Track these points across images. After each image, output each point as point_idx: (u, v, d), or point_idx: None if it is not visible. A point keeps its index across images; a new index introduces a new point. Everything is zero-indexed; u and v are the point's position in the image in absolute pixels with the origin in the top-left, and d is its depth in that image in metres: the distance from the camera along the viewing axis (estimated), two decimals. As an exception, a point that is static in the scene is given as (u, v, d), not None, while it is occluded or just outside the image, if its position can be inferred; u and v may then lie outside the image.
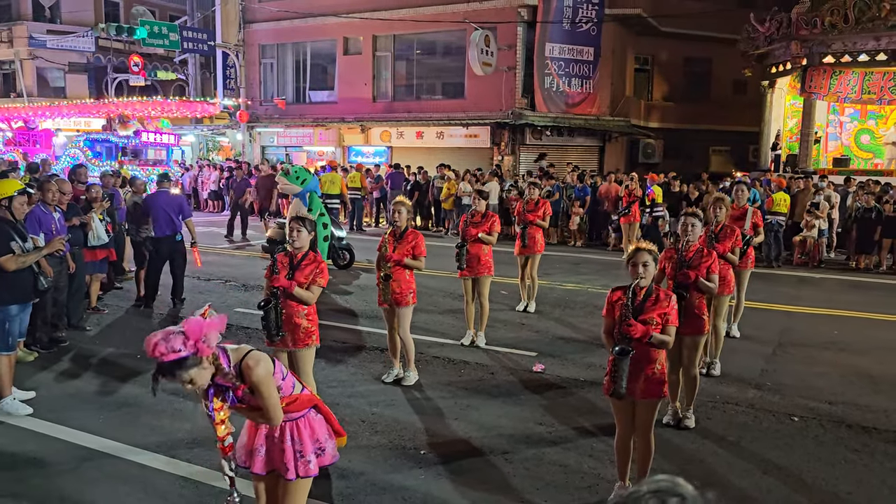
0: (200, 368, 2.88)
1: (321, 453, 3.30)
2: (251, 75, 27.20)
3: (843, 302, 10.47)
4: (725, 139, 25.63)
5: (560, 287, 11.21)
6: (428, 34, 23.63)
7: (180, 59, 29.82)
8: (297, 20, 25.35)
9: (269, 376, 3.05)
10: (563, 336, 8.38)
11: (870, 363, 7.42)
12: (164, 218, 9.22)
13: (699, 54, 25.68)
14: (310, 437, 3.27)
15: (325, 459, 3.33)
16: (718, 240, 6.70)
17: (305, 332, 5.15)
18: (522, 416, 5.82)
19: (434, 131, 23.41)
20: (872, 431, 5.59)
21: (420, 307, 9.07)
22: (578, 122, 22.68)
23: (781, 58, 19.67)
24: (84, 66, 32.62)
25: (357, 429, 5.44)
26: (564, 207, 16.78)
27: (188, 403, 5.97)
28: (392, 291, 6.37)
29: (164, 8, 35.66)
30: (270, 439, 3.28)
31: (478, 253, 7.65)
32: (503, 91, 22.01)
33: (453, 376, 6.83)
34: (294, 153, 26.33)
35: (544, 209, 9.61)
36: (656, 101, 26.44)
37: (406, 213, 6.47)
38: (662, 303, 4.24)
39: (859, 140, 21.07)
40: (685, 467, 4.90)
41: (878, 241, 13.44)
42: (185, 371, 2.82)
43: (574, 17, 21.89)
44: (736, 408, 6.08)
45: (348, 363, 7.20)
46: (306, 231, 5.05)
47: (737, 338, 8.20)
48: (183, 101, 22.30)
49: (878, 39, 17.53)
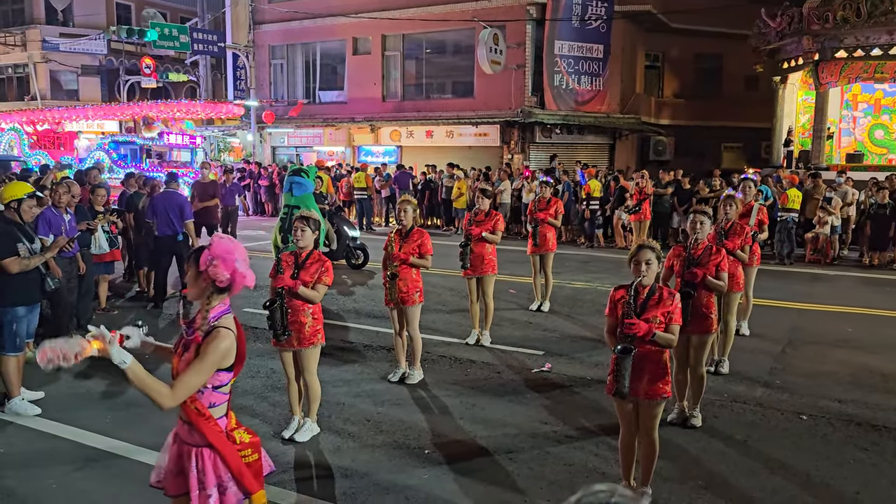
0: (217, 300, 2.97)
1: (224, 492, 2.98)
2: (261, 76, 27.30)
3: (855, 299, 10.36)
4: (737, 135, 25.45)
5: (569, 285, 11.16)
6: (437, 33, 23.62)
7: (191, 61, 29.97)
8: (307, 21, 25.42)
9: (216, 357, 2.87)
10: (571, 334, 8.34)
11: (881, 361, 7.33)
12: (164, 218, 9.34)
13: (710, 50, 25.51)
14: (213, 470, 2.97)
15: (229, 500, 2.99)
16: (728, 237, 6.67)
17: (311, 330, 5.16)
18: (528, 415, 5.80)
19: (444, 130, 23.41)
20: (882, 430, 5.52)
21: (427, 306, 9.06)
22: (588, 120, 22.59)
23: (793, 53, 19.49)
24: (97, 68, 32.88)
25: (362, 428, 5.45)
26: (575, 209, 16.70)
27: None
28: (399, 290, 6.37)
29: (175, 10, 35.89)
30: (180, 461, 3.04)
31: (482, 252, 7.64)
32: (512, 89, 21.97)
33: (459, 375, 6.82)
34: (304, 153, 26.42)
35: (556, 208, 9.57)
36: (667, 98, 26.30)
37: (412, 211, 6.47)
38: (666, 301, 4.20)
39: (873, 135, 20.82)
40: (690, 467, 4.87)
41: (892, 237, 13.29)
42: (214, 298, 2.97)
43: (583, 14, 21.81)
44: (744, 406, 6.03)
45: (355, 362, 7.21)
46: (310, 230, 5.05)
47: (746, 336, 8.14)
48: (208, 102, 22.41)
49: (891, 33, 17.32)
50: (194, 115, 21.77)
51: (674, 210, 15.65)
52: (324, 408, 5.61)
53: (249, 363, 7.09)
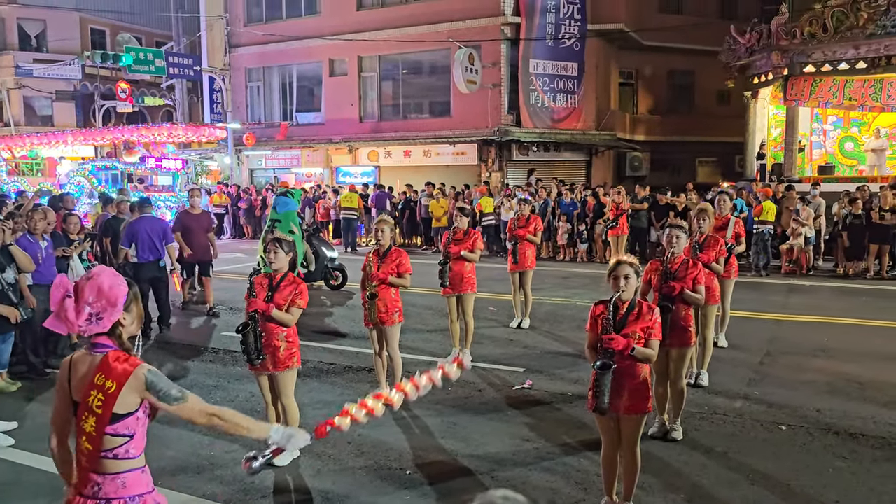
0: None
1: None
2: (238, 99, 27.28)
3: (831, 309, 10.48)
4: (712, 150, 25.81)
5: (549, 302, 11.19)
6: (413, 54, 23.79)
7: (167, 85, 29.90)
8: (283, 43, 25.50)
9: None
10: (552, 351, 8.35)
11: (858, 370, 7.41)
12: (148, 243, 9.16)
13: (682, 67, 25.94)
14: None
15: None
16: (702, 250, 6.73)
17: (286, 354, 5.10)
18: (509, 432, 5.78)
19: (421, 150, 23.52)
20: (860, 438, 5.57)
21: (408, 325, 9.03)
22: (565, 137, 22.80)
23: (763, 68, 19.85)
24: (71, 93, 32.69)
25: (342, 451, 5.39)
26: (551, 222, 16.84)
27: (172, 430, 5.90)
28: (378, 311, 6.34)
29: (151, 34, 35.84)
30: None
31: (461, 270, 7.65)
32: (489, 108, 22.15)
33: (440, 394, 6.77)
34: (282, 175, 26.36)
35: (535, 225, 9.62)
36: (642, 115, 26.63)
37: (389, 231, 6.47)
38: (645, 316, 4.22)
39: (843, 147, 21.22)
40: (672, 480, 4.87)
41: (865, 246, 13.51)
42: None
43: (557, 33, 22.09)
44: (724, 418, 6.06)
45: (335, 384, 7.16)
46: (283, 252, 5.02)
47: (724, 347, 8.20)
48: (189, 125, 22.35)
49: (857, 48, 17.70)
50: (176, 139, 21.68)
51: (651, 225, 15.80)
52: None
53: (228, 387, 7.02)
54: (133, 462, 2.62)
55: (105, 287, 2.58)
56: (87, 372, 2.57)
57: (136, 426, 2.60)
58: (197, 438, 5.72)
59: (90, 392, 2.52)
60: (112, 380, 2.51)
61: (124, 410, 2.54)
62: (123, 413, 2.54)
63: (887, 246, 13.48)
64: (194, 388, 7.12)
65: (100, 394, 2.51)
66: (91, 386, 2.52)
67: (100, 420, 2.51)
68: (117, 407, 2.52)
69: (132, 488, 2.61)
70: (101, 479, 2.58)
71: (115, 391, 2.50)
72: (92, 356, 2.61)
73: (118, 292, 2.61)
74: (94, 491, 2.58)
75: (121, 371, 2.52)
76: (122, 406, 2.54)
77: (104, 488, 2.58)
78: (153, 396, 2.58)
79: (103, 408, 2.50)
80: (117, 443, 2.56)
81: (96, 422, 2.51)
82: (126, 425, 2.56)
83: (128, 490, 2.60)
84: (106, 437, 2.54)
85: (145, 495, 2.65)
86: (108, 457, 2.57)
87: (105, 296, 2.58)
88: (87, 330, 2.59)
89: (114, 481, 2.58)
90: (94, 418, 2.51)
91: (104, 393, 2.50)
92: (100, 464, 2.57)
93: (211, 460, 5.20)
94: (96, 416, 2.51)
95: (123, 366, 2.54)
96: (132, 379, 2.53)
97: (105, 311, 2.58)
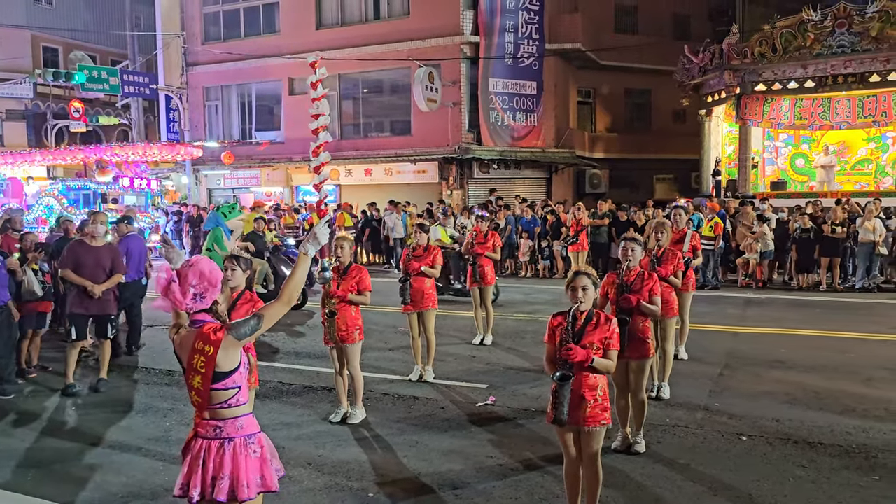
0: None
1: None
2: (195, 118, 26.92)
3: (787, 321, 10.68)
4: (669, 167, 26.30)
5: (511, 318, 11.19)
6: (373, 73, 23.81)
7: (123, 104, 29.38)
8: (241, 62, 25.31)
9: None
10: (514, 367, 8.32)
11: (815, 379, 7.53)
12: (137, 262, 9.04)
13: (639, 86, 26.45)
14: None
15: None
16: (661, 263, 6.79)
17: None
18: (472, 450, 5.71)
19: (382, 168, 23.47)
20: (818, 447, 5.63)
21: (370, 344, 8.95)
22: (525, 155, 22.99)
23: (716, 87, 20.35)
24: (22, 112, 31.88)
25: (302, 472, 5.26)
26: (513, 239, 16.90)
27: (123, 456, 5.71)
28: (338, 329, 6.24)
29: (105, 53, 35.22)
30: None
31: (421, 287, 7.59)
32: (449, 126, 22.24)
33: (403, 412, 6.69)
34: (242, 194, 26.02)
35: (493, 241, 9.64)
36: (600, 133, 27.02)
37: (348, 248, 6.39)
38: (603, 327, 4.22)
39: (794, 164, 21.81)
40: (636, 494, 4.85)
41: (816, 259, 13.82)
42: None
43: (516, 52, 22.34)
44: (686, 430, 6.08)
45: (295, 404, 7.01)
46: (241, 269, 4.91)
47: (684, 360, 8.27)
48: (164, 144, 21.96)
49: (805, 67, 18.28)
50: (151, 157, 21.25)
51: (612, 240, 15.95)
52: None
53: (183, 410, 6.80)
54: (244, 408, 3.23)
55: (206, 271, 3.18)
56: (187, 341, 3.16)
57: (240, 380, 3.18)
58: (148, 464, 5.53)
59: (193, 356, 3.11)
60: (210, 345, 3.08)
61: (228, 367, 3.12)
62: (228, 370, 3.12)
63: (838, 259, 13.83)
64: (148, 411, 6.91)
65: (201, 357, 3.09)
66: (193, 351, 3.11)
67: (204, 378, 3.10)
68: (219, 366, 3.08)
69: (248, 428, 3.21)
70: (221, 423, 3.17)
71: (213, 354, 3.07)
72: (190, 330, 3.19)
73: (218, 275, 3.23)
74: (217, 433, 3.17)
75: (214, 339, 3.09)
76: (225, 364, 3.10)
77: (225, 429, 3.17)
78: (249, 339, 3.17)
79: (206, 367, 3.08)
80: (230, 395, 3.15)
81: (202, 379, 3.11)
82: (233, 380, 3.14)
83: (245, 430, 3.19)
84: (216, 392, 3.13)
85: (258, 434, 3.26)
86: (224, 407, 3.16)
87: (207, 279, 3.17)
88: (193, 307, 3.17)
89: (233, 423, 3.18)
90: (199, 377, 3.11)
91: (205, 356, 3.08)
92: (217, 413, 3.17)
93: (164, 486, 5.02)
94: (201, 374, 3.10)
95: (217, 335, 3.10)
96: (225, 342, 3.09)
97: (207, 291, 3.18)
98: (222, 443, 3.15)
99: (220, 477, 3.11)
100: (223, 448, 3.14)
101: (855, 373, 7.77)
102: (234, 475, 3.12)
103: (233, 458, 3.13)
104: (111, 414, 6.86)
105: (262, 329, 3.20)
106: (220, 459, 3.13)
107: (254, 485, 3.15)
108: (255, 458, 3.19)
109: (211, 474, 3.13)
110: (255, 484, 3.16)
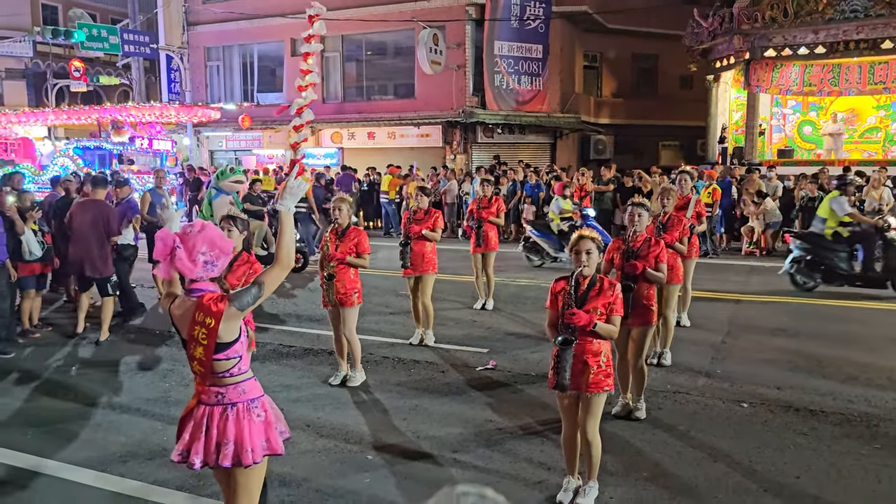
0: None
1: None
2: (197, 78, 26.61)
3: (790, 289, 10.60)
4: (674, 134, 25.99)
5: (513, 283, 11.14)
6: (376, 34, 23.43)
7: (123, 64, 29.01)
8: (243, 21, 24.89)
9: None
10: (514, 332, 8.29)
11: (817, 347, 7.49)
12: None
13: (646, 50, 25.99)
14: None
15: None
16: (666, 229, 6.70)
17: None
18: (472, 414, 5.69)
19: (385, 131, 23.23)
20: (820, 415, 5.60)
21: (370, 308, 8.93)
22: (529, 120, 22.72)
23: (725, 52, 20.00)
24: (22, 72, 31.50)
25: (301, 434, 5.24)
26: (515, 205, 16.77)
27: (122, 416, 5.71)
28: (336, 291, 6.19)
29: (105, 11, 34.73)
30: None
31: (421, 251, 7.52)
32: (454, 90, 21.94)
33: (402, 376, 6.67)
34: (244, 157, 25.83)
35: (497, 206, 9.54)
36: (606, 98, 26.66)
37: (347, 209, 6.30)
38: (607, 292, 4.15)
39: (802, 131, 21.53)
40: (635, 459, 4.84)
41: (822, 228, 13.68)
42: None
43: (522, 14, 21.93)
44: (686, 397, 6.05)
45: (294, 367, 6.99)
46: (237, 230, 4.82)
47: (687, 327, 8.22)
48: (183, 105, 21.54)
49: (816, 33, 17.93)
50: (168, 119, 20.93)
51: (616, 207, 15.83)
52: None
53: (183, 371, 6.79)
54: (246, 375, 3.18)
55: (217, 238, 3.10)
56: (187, 312, 3.07)
57: (241, 349, 3.14)
58: (147, 424, 5.53)
59: (194, 328, 3.03)
60: (211, 317, 3.00)
61: (229, 338, 3.06)
62: (229, 341, 3.06)
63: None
64: (147, 372, 6.91)
65: (203, 329, 3.01)
66: (194, 323, 3.02)
67: (206, 349, 3.03)
68: (220, 337, 3.02)
69: (251, 392, 3.18)
70: (223, 390, 3.12)
71: (215, 326, 3.00)
72: (188, 299, 3.10)
73: (228, 243, 3.16)
74: (219, 398, 3.12)
75: (216, 310, 3.00)
76: (226, 335, 3.04)
77: (227, 395, 3.13)
78: (249, 308, 3.11)
79: (208, 339, 3.01)
80: (231, 364, 3.11)
81: (204, 350, 3.04)
82: (234, 350, 3.09)
83: (248, 395, 3.16)
84: (218, 362, 3.07)
85: (262, 397, 3.23)
86: (226, 376, 3.11)
87: (218, 246, 3.09)
88: (204, 275, 3.08)
89: (235, 389, 3.14)
90: (201, 348, 3.04)
91: (206, 328, 3.01)
92: (220, 380, 3.12)
93: (162, 445, 5.01)
94: (203, 346, 3.03)
95: (219, 306, 3.01)
96: (227, 313, 3.01)
97: (219, 259, 3.11)
98: (225, 408, 3.11)
99: (225, 442, 3.08)
100: (226, 413, 3.11)
101: (858, 341, 7.72)
102: (239, 440, 3.09)
103: (236, 422, 3.10)
104: (111, 374, 6.87)
105: (264, 296, 3.14)
106: (224, 425, 3.09)
107: (259, 448, 3.13)
108: (259, 421, 3.15)
109: (215, 440, 3.09)
110: (260, 448, 3.13)
